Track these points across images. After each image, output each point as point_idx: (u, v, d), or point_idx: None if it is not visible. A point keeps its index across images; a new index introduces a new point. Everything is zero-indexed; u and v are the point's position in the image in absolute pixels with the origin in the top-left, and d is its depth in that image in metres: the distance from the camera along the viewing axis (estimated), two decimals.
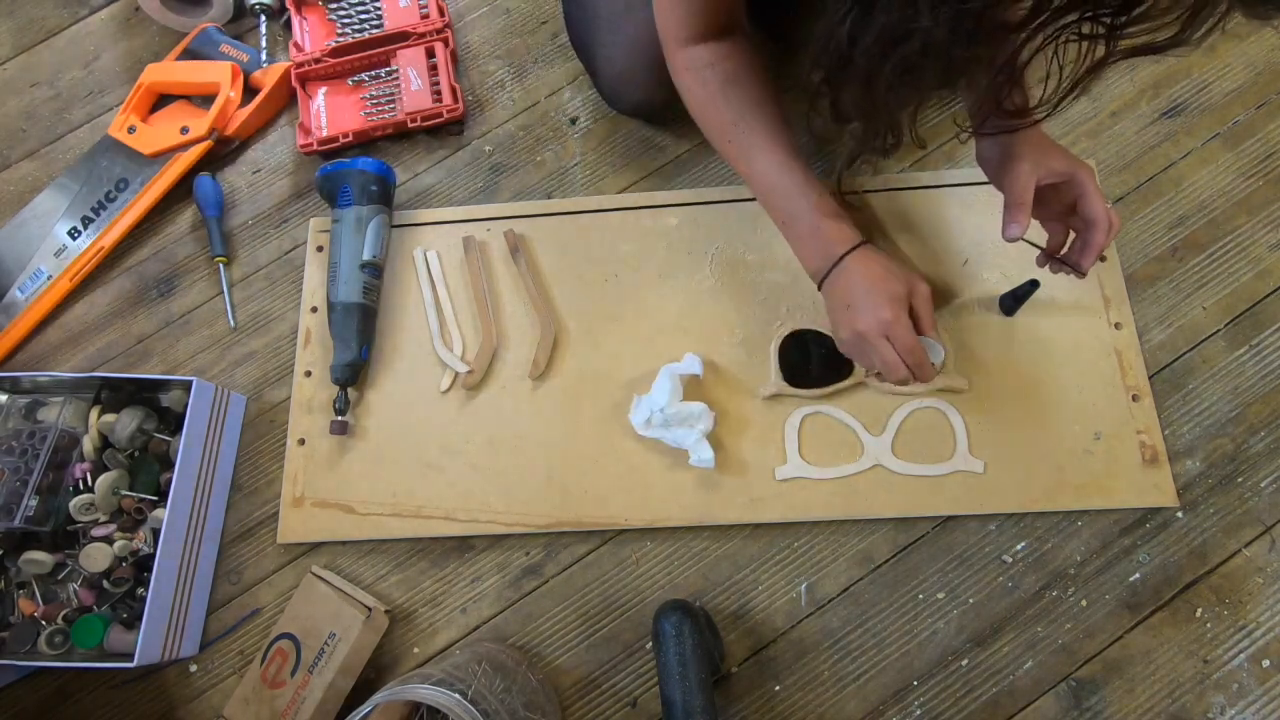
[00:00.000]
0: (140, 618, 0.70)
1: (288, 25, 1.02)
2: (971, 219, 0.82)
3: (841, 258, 0.67)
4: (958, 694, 0.70)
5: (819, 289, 0.70)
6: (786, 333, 0.79)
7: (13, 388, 0.81)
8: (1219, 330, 0.78)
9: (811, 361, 0.78)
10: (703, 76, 0.70)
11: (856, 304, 0.66)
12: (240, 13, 1.04)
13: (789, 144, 0.69)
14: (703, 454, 0.73)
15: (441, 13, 0.99)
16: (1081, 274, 0.66)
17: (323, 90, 0.99)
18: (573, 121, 0.95)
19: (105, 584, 0.77)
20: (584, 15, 0.84)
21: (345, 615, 0.74)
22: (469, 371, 0.82)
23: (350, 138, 0.94)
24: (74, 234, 0.94)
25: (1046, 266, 0.70)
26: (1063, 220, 0.68)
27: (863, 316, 0.65)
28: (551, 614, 0.76)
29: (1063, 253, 0.68)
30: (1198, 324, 0.78)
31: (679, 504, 0.76)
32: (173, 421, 0.82)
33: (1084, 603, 0.71)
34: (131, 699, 0.78)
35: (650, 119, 0.92)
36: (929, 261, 0.81)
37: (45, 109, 1.06)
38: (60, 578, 0.78)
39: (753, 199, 0.85)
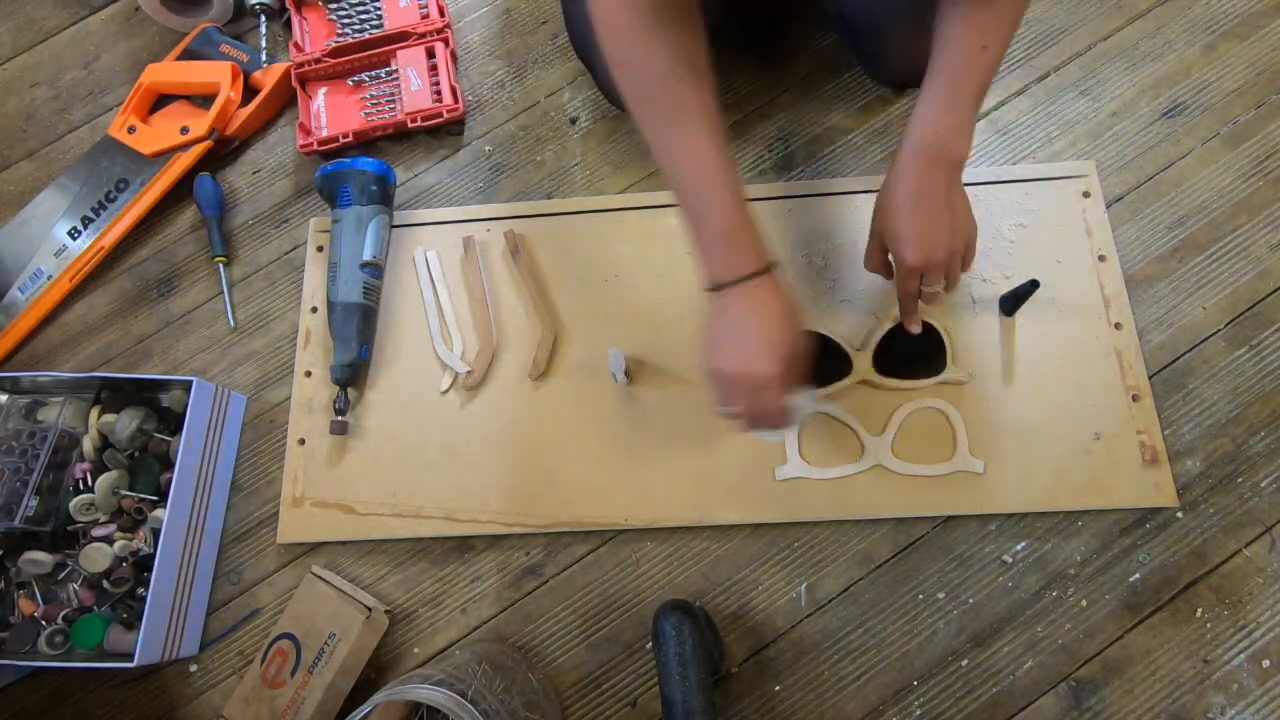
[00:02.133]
0: (140, 618, 0.70)
1: (288, 25, 1.02)
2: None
3: (745, 279, 0.60)
4: (958, 694, 0.70)
5: (706, 292, 0.63)
6: None
7: (13, 388, 0.81)
8: (1219, 330, 0.78)
9: (812, 362, 0.78)
10: (639, 13, 0.58)
11: (739, 340, 0.60)
12: (240, 13, 1.04)
13: (719, 124, 0.61)
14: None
15: (441, 13, 0.99)
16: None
17: (323, 90, 0.99)
18: (573, 121, 0.95)
19: (105, 584, 0.77)
20: (584, 15, 0.84)
21: (345, 615, 0.74)
22: (469, 371, 0.82)
23: (350, 138, 0.94)
24: (74, 234, 0.94)
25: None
26: None
27: (739, 358, 0.60)
28: (551, 614, 0.76)
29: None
30: (1198, 324, 0.78)
31: (679, 504, 0.76)
32: (173, 421, 0.82)
33: (1084, 603, 0.71)
34: (131, 699, 0.78)
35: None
36: None
37: (45, 109, 1.06)
38: (60, 578, 0.78)
39: (755, 200, 0.85)
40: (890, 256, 0.66)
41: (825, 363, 0.77)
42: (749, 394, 0.61)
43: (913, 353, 0.77)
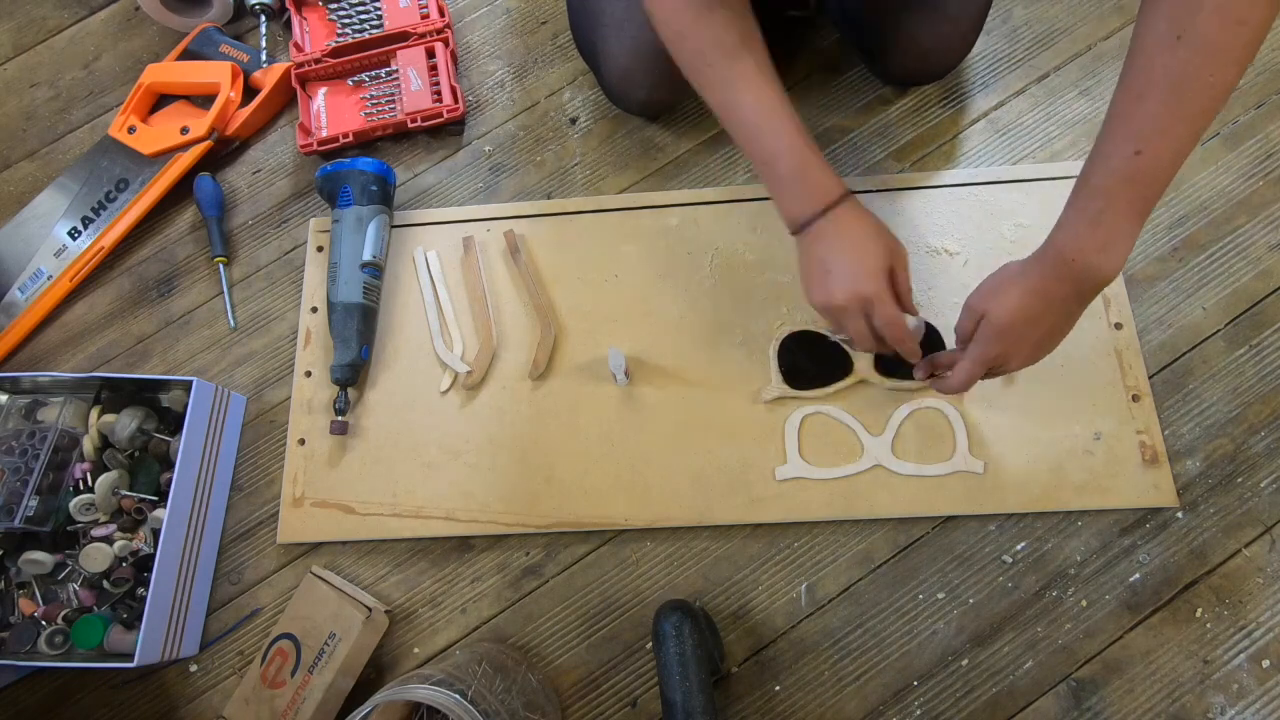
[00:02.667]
0: (140, 618, 0.70)
1: (288, 25, 1.02)
2: (970, 219, 0.82)
3: (825, 210, 0.62)
4: (958, 694, 0.70)
5: (794, 235, 0.65)
6: (785, 334, 0.79)
7: (13, 388, 0.81)
8: (1219, 330, 0.78)
9: (812, 362, 0.78)
10: (688, 1, 0.62)
11: (836, 270, 0.62)
12: (240, 13, 1.04)
13: (776, 79, 0.63)
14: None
15: (441, 13, 0.99)
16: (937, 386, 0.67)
17: (323, 90, 0.99)
18: (573, 121, 0.95)
19: (105, 584, 0.77)
20: (588, 15, 0.84)
21: (345, 615, 0.74)
22: (469, 372, 0.82)
23: (350, 138, 0.94)
24: (74, 234, 0.94)
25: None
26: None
27: (841, 287, 0.61)
28: (551, 614, 0.76)
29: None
30: (1198, 324, 0.78)
31: (679, 504, 0.76)
32: (173, 421, 0.82)
33: (1084, 603, 0.71)
34: (131, 699, 0.78)
35: (655, 117, 0.92)
36: (929, 262, 0.81)
37: (45, 109, 1.06)
38: (60, 578, 0.78)
39: (754, 200, 0.85)
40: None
41: (825, 363, 0.78)
42: (863, 315, 0.62)
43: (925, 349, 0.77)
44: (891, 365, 0.76)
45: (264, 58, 1.00)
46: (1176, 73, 0.47)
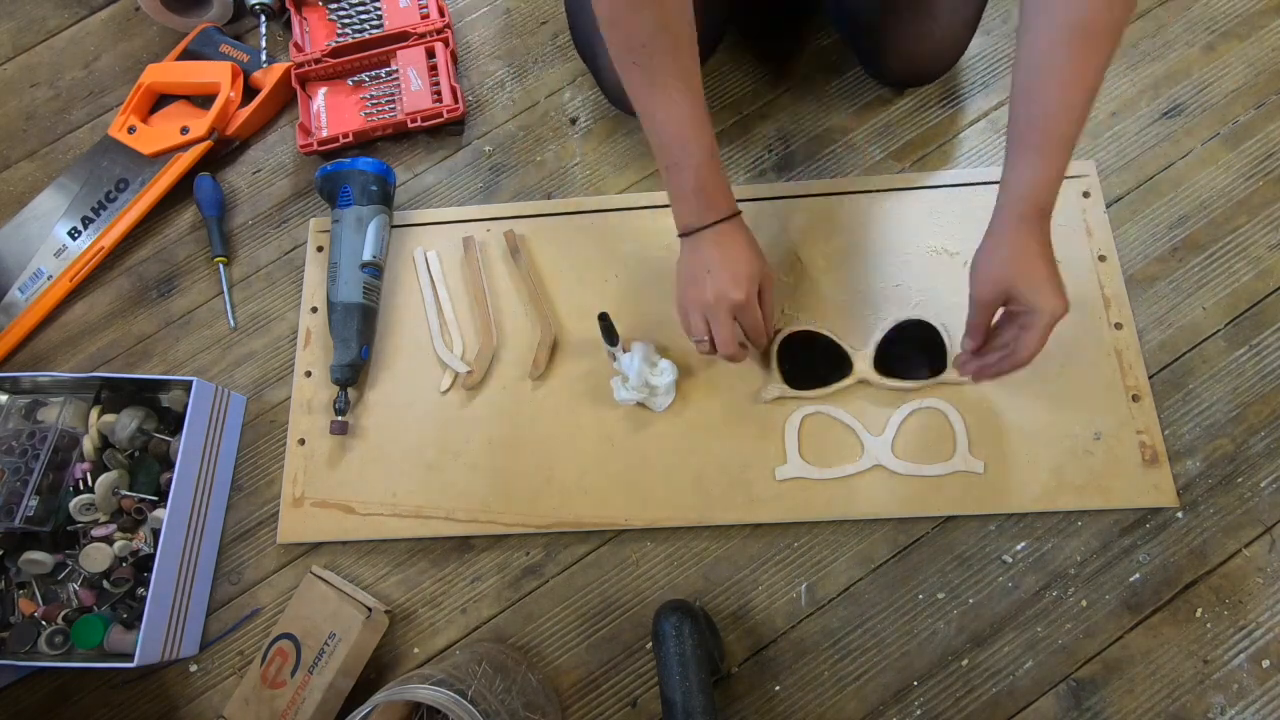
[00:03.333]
0: (140, 618, 0.70)
1: (288, 25, 1.02)
2: (970, 219, 0.82)
3: (716, 223, 0.67)
4: (958, 694, 0.70)
5: (681, 237, 0.70)
6: (786, 334, 0.79)
7: (13, 388, 0.81)
8: (1219, 330, 0.78)
9: (812, 362, 0.78)
10: None
11: (715, 273, 0.67)
12: (240, 13, 1.04)
13: (697, 84, 0.65)
14: (665, 400, 0.78)
15: (441, 13, 0.99)
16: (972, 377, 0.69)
17: (323, 90, 0.99)
18: (573, 121, 0.95)
19: (105, 584, 0.77)
20: (586, 15, 0.84)
21: (345, 615, 0.74)
22: (469, 372, 0.82)
23: (350, 138, 0.94)
24: (74, 234, 0.94)
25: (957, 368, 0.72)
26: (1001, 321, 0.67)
27: (715, 288, 0.67)
28: (551, 614, 0.76)
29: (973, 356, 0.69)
30: (1198, 324, 0.78)
31: (679, 504, 0.76)
32: (173, 421, 0.82)
33: (1084, 603, 0.71)
34: (131, 699, 0.78)
35: None
36: (929, 262, 0.81)
37: (45, 109, 1.06)
38: (60, 578, 0.78)
39: (754, 200, 0.85)
40: (1008, 316, 0.66)
41: (825, 363, 0.77)
42: (730, 316, 0.68)
43: (913, 353, 0.77)
44: (891, 365, 0.76)
45: (264, 58, 1.00)
46: (1095, 30, 0.56)
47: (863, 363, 0.76)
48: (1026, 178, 0.61)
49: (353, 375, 0.81)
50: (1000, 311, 0.66)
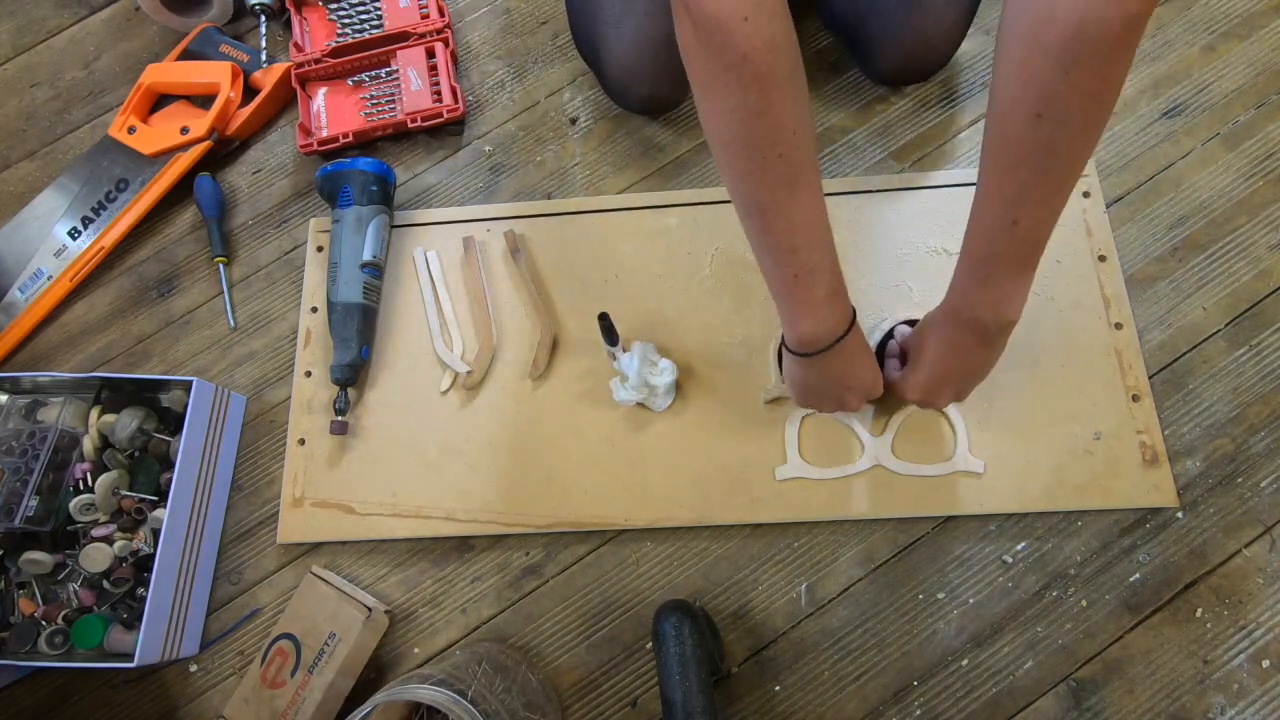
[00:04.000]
0: (140, 618, 0.70)
1: (288, 25, 1.02)
2: None
3: (846, 333, 0.61)
4: (958, 694, 0.70)
5: (793, 349, 0.63)
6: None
7: (13, 388, 0.81)
8: (1219, 330, 0.78)
9: None
10: (779, 59, 0.49)
11: (855, 388, 0.67)
12: (240, 13, 1.04)
13: (820, 182, 0.56)
14: (665, 402, 0.78)
15: (441, 13, 0.99)
16: None
17: (323, 90, 0.99)
18: (573, 121, 0.95)
19: (105, 584, 0.77)
20: (587, 14, 0.84)
21: (345, 615, 0.74)
22: (469, 372, 0.82)
23: (350, 138, 0.94)
24: (74, 234, 0.94)
25: None
26: None
27: (858, 397, 0.68)
28: (551, 614, 0.76)
29: None
30: (1198, 324, 0.78)
31: (679, 504, 0.76)
32: (173, 422, 0.82)
33: (1084, 603, 0.71)
34: (131, 699, 0.78)
35: (657, 115, 0.93)
36: (929, 262, 0.81)
37: (45, 109, 1.06)
38: (60, 578, 0.78)
39: None
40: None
41: None
42: (855, 408, 0.69)
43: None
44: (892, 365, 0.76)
45: (264, 58, 1.00)
46: (1043, 147, 0.48)
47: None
48: (957, 281, 0.60)
49: (353, 375, 0.81)
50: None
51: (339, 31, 1.01)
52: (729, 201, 0.85)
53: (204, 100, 0.98)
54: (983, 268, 0.56)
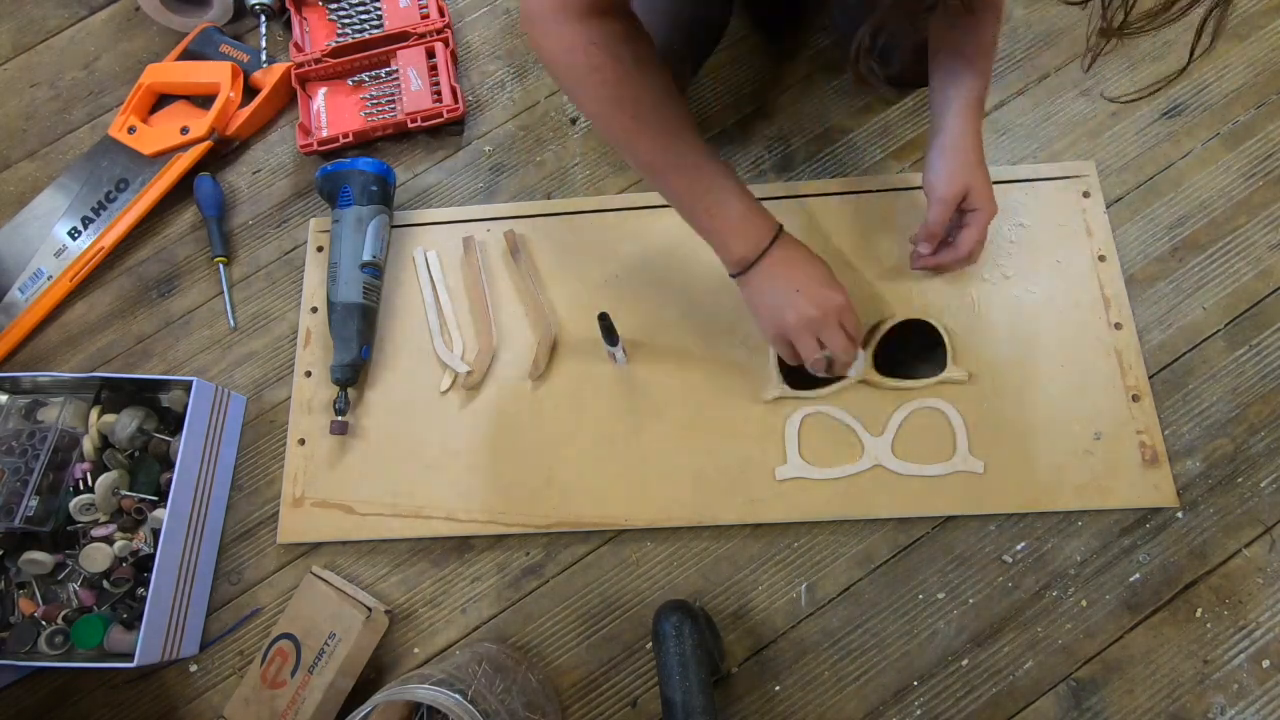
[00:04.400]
0: (140, 618, 0.70)
1: (288, 25, 1.02)
2: None
3: (773, 242, 0.67)
4: (958, 694, 0.70)
5: (738, 276, 0.69)
6: None
7: (13, 388, 0.81)
8: (1219, 330, 0.78)
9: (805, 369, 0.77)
10: (617, 52, 0.62)
11: (805, 289, 0.67)
12: (240, 13, 1.04)
13: (700, 134, 0.67)
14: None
15: (441, 13, 0.99)
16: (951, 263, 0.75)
17: (323, 90, 0.99)
18: (573, 121, 0.95)
19: (105, 584, 0.77)
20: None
21: (345, 615, 0.74)
22: (469, 372, 0.82)
23: (350, 138, 0.94)
24: (74, 234, 0.94)
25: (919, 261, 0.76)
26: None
27: (815, 302, 0.67)
28: (551, 614, 0.76)
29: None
30: (1198, 324, 0.78)
31: (679, 504, 0.76)
32: (173, 422, 0.82)
33: (1084, 603, 0.71)
34: (131, 699, 0.78)
35: None
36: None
37: (45, 109, 1.06)
38: (60, 578, 0.78)
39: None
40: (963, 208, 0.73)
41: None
42: (835, 327, 0.68)
43: (913, 352, 0.77)
44: (892, 365, 0.76)
45: (264, 58, 1.00)
46: (988, 45, 0.70)
47: (863, 363, 0.76)
48: (975, 86, 0.70)
49: (353, 375, 0.81)
50: None
51: (339, 31, 1.01)
52: None
53: (204, 100, 0.98)
54: (976, 108, 0.70)
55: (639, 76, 0.63)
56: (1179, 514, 0.73)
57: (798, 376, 0.77)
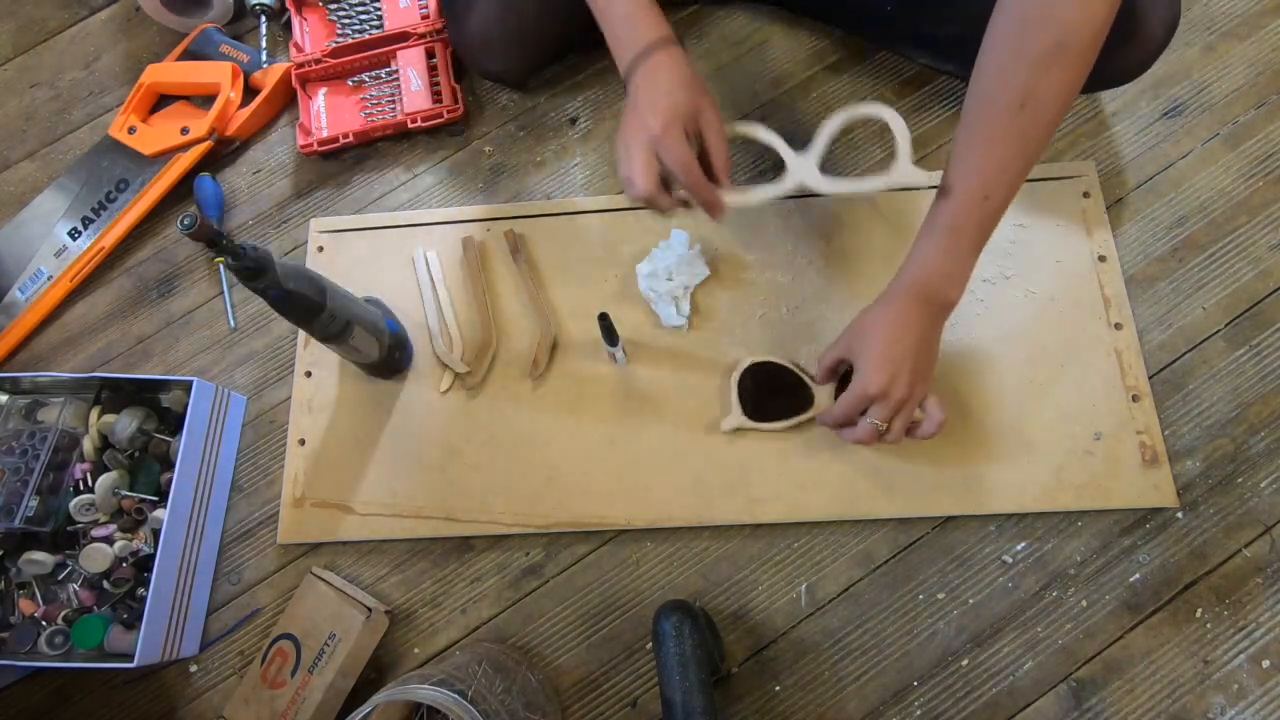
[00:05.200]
0: (140, 618, 0.70)
1: (288, 26, 1.02)
2: None
3: (644, 51, 0.64)
4: (958, 694, 0.70)
5: (626, 85, 0.66)
6: (746, 366, 0.77)
7: (13, 388, 0.81)
8: (1219, 330, 0.78)
9: (773, 394, 0.76)
10: None
11: (638, 107, 0.63)
12: (240, 13, 1.04)
13: None
14: (678, 312, 0.77)
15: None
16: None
17: (323, 91, 0.99)
18: (573, 122, 0.95)
19: (105, 584, 0.77)
20: None
21: (345, 616, 0.74)
22: (468, 372, 0.82)
23: (350, 138, 0.94)
24: (74, 234, 0.94)
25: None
26: None
27: (633, 120, 0.63)
28: (551, 614, 0.76)
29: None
30: (1198, 324, 0.78)
31: (679, 504, 0.76)
32: (173, 422, 0.82)
33: (1084, 603, 0.71)
34: (131, 699, 0.78)
35: (511, 86, 0.96)
36: None
37: (45, 109, 1.06)
38: (60, 578, 0.78)
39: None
40: (848, 373, 0.67)
41: (787, 395, 0.76)
42: (639, 153, 0.63)
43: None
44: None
45: (264, 58, 1.00)
46: (1022, 131, 0.57)
47: (823, 397, 0.74)
48: (928, 254, 0.62)
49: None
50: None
51: (339, 32, 1.01)
52: None
53: (204, 100, 0.98)
54: (949, 239, 0.61)
55: None
56: (1179, 514, 0.73)
57: (758, 408, 0.76)
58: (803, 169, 0.69)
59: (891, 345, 0.62)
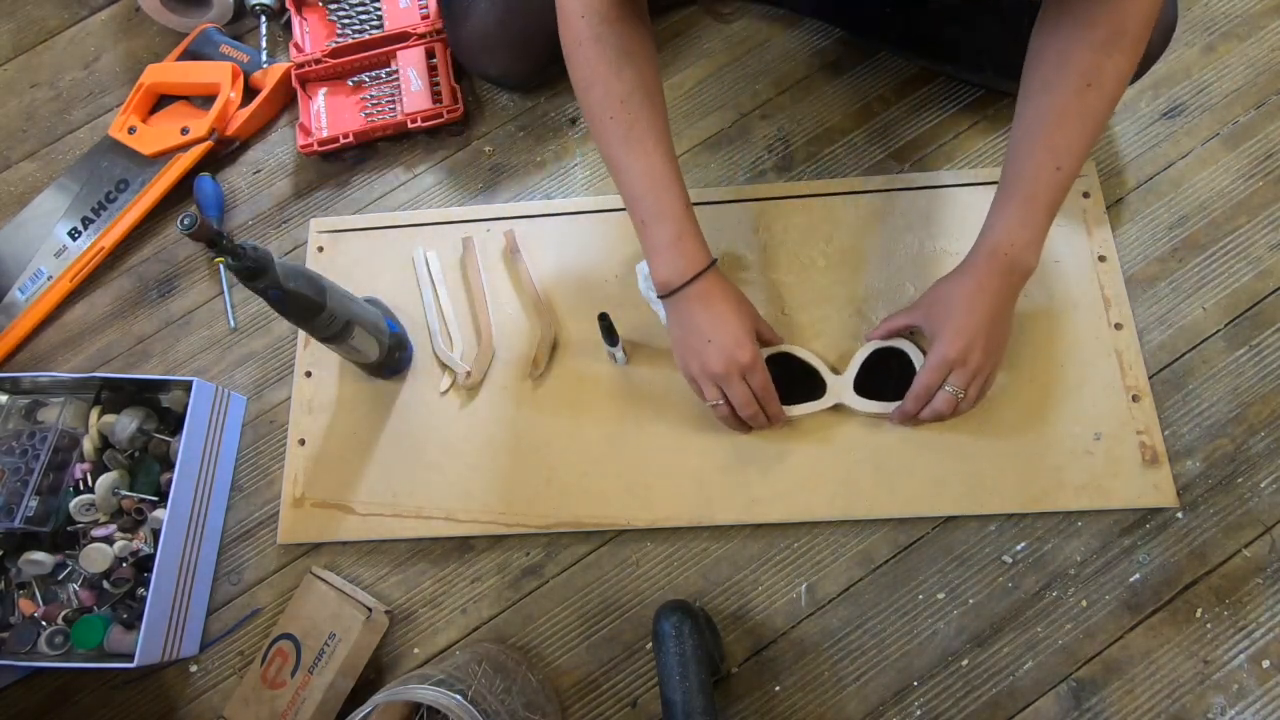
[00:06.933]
0: (140, 618, 0.70)
1: (288, 26, 1.02)
2: (971, 219, 0.82)
3: (695, 278, 0.67)
4: (958, 694, 0.70)
5: (663, 298, 0.69)
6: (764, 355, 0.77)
7: (13, 388, 0.81)
8: (1219, 330, 0.78)
9: (786, 383, 0.74)
10: (604, 48, 0.65)
11: (715, 341, 0.66)
12: (240, 13, 1.04)
13: (669, 142, 0.68)
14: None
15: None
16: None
17: (323, 91, 0.99)
18: (573, 121, 0.95)
19: (105, 584, 0.77)
20: (465, 35, 0.89)
21: (345, 616, 0.74)
22: (468, 372, 0.82)
23: (350, 138, 0.94)
24: (74, 234, 0.94)
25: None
26: None
27: (721, 357, 0.66)
28: (551, 614, 0.76)
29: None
30: (1198, 324, 0.78)
31: (679, 504, 0.76)
32: (173, 422, 0.82)
33: (1084, 603, 0.71)
34: (131, 699, 0.78)
35: (511, 89, 0.96)
36: (929, 262, 0.81)
37: (45, 109, 1.06)
38: (60, 578, 0.78)
39: (754, 200, 0.85)
40: (922, 346, 0.70)
41: (800, 383, 0.75)
42: (739, 382, 0.68)
43: (897, 375, 0.74)
44: (870, 389, 0.75)
45: (264, 58, 1.00)
46: (1087, 109, 0.61)
47: (839, 386, 0.74)
48: (1006, 225, 0.65)
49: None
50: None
51: (339, 32, 1.01)
52: (729, 202, 0.86)
53: (204, 100, 0.98)
54: (1025, 208, 0.63)
55: (616, 73, 0.65)
56: (1179, 514, 0.73)
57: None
58: (840, 389, 0.75)
59: (969, 314, 0.65)
